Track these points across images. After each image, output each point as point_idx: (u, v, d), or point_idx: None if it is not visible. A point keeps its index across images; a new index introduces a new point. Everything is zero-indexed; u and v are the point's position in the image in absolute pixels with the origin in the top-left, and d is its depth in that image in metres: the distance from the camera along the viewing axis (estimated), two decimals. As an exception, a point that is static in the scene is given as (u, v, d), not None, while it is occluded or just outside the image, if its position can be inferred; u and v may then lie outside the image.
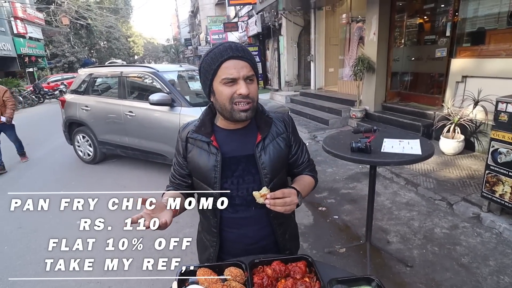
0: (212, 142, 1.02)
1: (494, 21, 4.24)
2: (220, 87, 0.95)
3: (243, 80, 0.93)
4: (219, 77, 0.94)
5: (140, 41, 50.68)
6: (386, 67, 5.80)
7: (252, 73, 0.96)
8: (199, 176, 1.06)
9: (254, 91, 0.97)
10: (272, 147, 1.05)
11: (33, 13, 18.83)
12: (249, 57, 0.97)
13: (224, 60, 0.93)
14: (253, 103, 0.97)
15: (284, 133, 1.10)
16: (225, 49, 0.94)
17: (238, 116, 0.96)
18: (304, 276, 0.83)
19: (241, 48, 0.96)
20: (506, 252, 2.35)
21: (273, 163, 1.04)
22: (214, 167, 1.02)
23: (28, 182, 4.48)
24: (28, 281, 2.35)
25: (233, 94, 0.94)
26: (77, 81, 5.08)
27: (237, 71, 0.93)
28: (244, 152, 1.04)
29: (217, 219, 1.07)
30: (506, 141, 2.40)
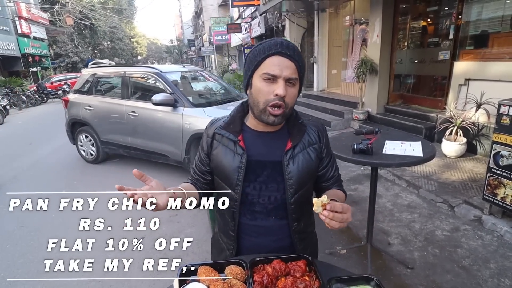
0: (239, 142, 0.97)
1: (498, 24, 4.24)
2: (258, 83, 0.90)
3: (283, 80, 0.87)
4: (260, 70, 0.89)
5: (144, 41, 50.90)
6: (389, 70, 5.80)
7: (295, 76, 0.89)
8: (221, 175, 1.01)
9: (292, 95, 0.90)
10: (302, 156, 0.98)
11: (37, 13, 18.98)
12: (298, 58, 0.90)
13: (271, 54, 0.88)
14: (286, 109, 0.90)
15: (316, 144, 1.03)
16: (275, 43, 0.89)
17: (266, 119, 0.91)
18: (304, 275, 0.84)
19: (292, 47, 0.90)
20: (507, 255, 2.34)
21: (301, 173, 0.97)
22: (238, 168, 0.96)
23: (31, 181, 4.51)
24: (30, 279, 2.37)
25: (270, 94, 0.88)
26: (81, 81, 5.12)
27: (280, 69, 0.87)
28: (271, 157, 0.98)
29: (235, 223, 1.02)
30: (508, 144, 2.39)
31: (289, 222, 1.01)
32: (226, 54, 23.65)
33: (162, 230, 3.21)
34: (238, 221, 1.02)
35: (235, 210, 1.00)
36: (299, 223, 1.03)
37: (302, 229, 1.05)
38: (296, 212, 1.00)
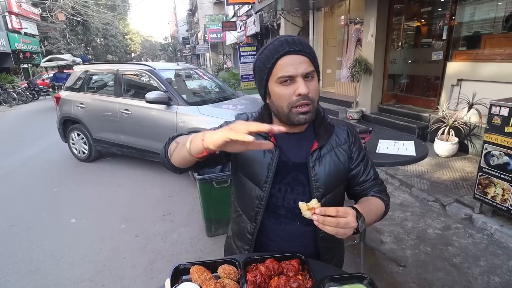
0: (270, 138, 0.92)
1: (490, 26, 4.29)
2: (276, 88, 0.85)
3: (301, 78, 0.82)
4: (274, 75, 0.84)
5: (138, 38, 50.40)
6: (383, 69, 5.84)
7: (312, 68, 0.84)
8: (248, 172, 0.95)
9: (314, 89, 0.85)
10: (329, 158, 0.93)
11: (28, 9, 18.64)
12: (308, 50, 0.85)
13: (280, 56, 0.83)
14: (314, 103, 0.86)
15: (345, 144, 0.97)
16: (280, 44, 0.84)
17: (297, 120, 0.85)
18: (297, 274, 0.83)
19: (298, 41, 0.85)
20: (496, 253, 2.38)
21: (328, 176, 0.92)
22: (269, 165, 0.91)
23: (22, 179, 4.44)
24: (20, 279, 2.34)
25: (292, 96, 0.83)
26: (73, 78, 5.05)
27: (294, 67, 0.82)
28: (296, 158, 0.93)
29: (255, 225, 0.96)
30: (498, 144, 2.43)
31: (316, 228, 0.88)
32: (221, 52, 23.57)
33: (156, 229, 3.22)
34: (261, 224, 0.96)
35: (259, 210, 0.94)
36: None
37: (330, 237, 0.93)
38: None
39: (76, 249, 2.69)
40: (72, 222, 3.17)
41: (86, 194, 3.82)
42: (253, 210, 0.95)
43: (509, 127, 2.35)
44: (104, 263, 2.49)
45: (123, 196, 3.74)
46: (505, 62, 3.89)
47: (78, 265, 2.47)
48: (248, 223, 0.98)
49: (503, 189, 2.43)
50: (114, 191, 3.90)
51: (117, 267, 2.44)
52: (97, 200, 3.65)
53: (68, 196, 3.80)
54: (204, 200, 2.68)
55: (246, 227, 0.99)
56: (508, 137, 2.36)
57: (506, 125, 2.37)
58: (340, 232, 0.73)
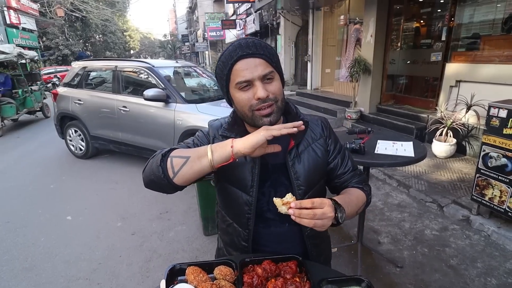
0: None
1: (489, 28, 4.29)
2: (236, 94, 0.84)
3: (259, 81, 0.81)
4: (233, 81, 0.83)
5: (137, 35, 50.20)
6: (382, 70, 5.84)
7: (269, 69, 0.82)
8: (232, 179, 0.93)
9: (275, 89, 0.83)
10: (307, 154, 0.93)
11: (27, 4, 18.48)
12: (263, 52, 0.82)
13: (234, 62, 0.81)
14: (277, 103, 0.84)
15: (321, 138, 0.97)
16: (234, 49, 0.82)
17: (261, 123, 0.84)
18: (295, 276, 0.82)
19: (252, 43, 0.82)
20: (493, 254, 2.38)
21: (308, 173, 0.91)
22: (252, 168, 0.90)
23: (18, 175, 4.41)
24: (14, 276, 2.32)
25: (251, 99, 0.82)
26: (71, 74, 5.01)
27: (250, 71, 0.80)
28: (275, 160, 0.92)
29: (249, 231, 0.94)
30: (497, 145, 2.43)
31: (301, 227, 0.94)
32: (220, 51, 23.50)
33: (152, 227, 3.20)
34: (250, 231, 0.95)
35: (249, 216, 0.93)
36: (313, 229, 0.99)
37: (315, 234, 0.97)
38: None
39: (71, 246, 2.67)
40: (68, 219, 3.15)
41: (82, 191, 3.80)
42: (244, 217, 0.94)
43: (507, 128, 2.35)
44: (99, 261, 2.47)
45: (120, 194, 3.72)
46: (504, 64, 3.89)
47: (74, 263, 2.45)
48: (241, 231, 0.97)
49: (501, 190, 2.43)
50: (111, 188, 3.88)
51: (113, 265, 2.43)
52: (93, 198, 3.63)
53: (64, 193, 3.78)
54: (201, 199, 2.66)
55: (239, 235, 0.97)
56: (506, 139, 2.36)
57: (504, 127, 2.36)
58: (317, 223, 0.72)
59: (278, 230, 0.95)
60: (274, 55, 0.86)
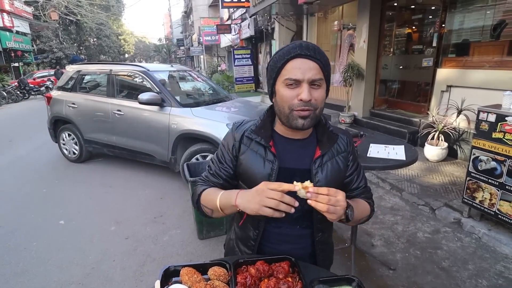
0: (271, 148, 0.93)
1: (479, 34, 4.39)
2: (281, 89, 0.86)
3: (307, 84, 0.83)
4: (282, 76, 0.86)
5: (131, 39, 50.10)
6: (375, 74, 5.92)
7: (320, 76, 0.84)
8: (249, 182, 0.96)
9: (319, 97, 0.86)
10: (331, 165, 0.96)
11: (20, 7, 18.38)
12: (320, 58, 0.85)
13: (290, 58, 0.84)
14: (315, 110, 0.86)
15: (345, 152, 1.00)
16: (294, 46, 0.85)
17: (295, 123, 0.87)
18: (287, 276, 0.84)
19: (312, 47, 0.85)
20: (484, 256, 2.42)
21: (329, 183, 0.93)
22: (269, 175, 0.92)
23: (10, 179, 4.35)
24: (6, 281, 2.28)
25: (294, 99, 0.84)
26: (65, 78, 4.99)
27: (302, 72, 0.82)
28: (299, 165, 0.95)
29: (258, 232, 0.98)
30: (486, 149, 2.48)
31: (314, 232, 0.99)
32: (216, 55, 23.56)
33: (146, 232, 3.18)
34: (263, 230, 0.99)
35: (261, 219, 0.96)
36: (323, 234, 1.01)
37: (325, 239, 1.03)
38: (322, 223, 0.98)
39: (64, 251, 2.65)
40: (61, 224, 3.12)
41: (75, 195, 3.77)
42: (256, 219, 0.98)
43: (496, 132, 2.41)
44: (93, 265, 2.45)
45: (113, 198, 3.69)
46: (493, 70, 3.98)
47: (66, 268, 2.43)
48: (252, 230, 1.00)
49: (491, 193, 2.48)
50: (105, 192, 3.86)
51: (106, 269, 2.41)
52: (87, 202, 3.60)
53: (57, 197, 3.74)
54: (196, 202, 2.66)
55: (250, 234, 1.01)
56: (495, 143, 2.41)
57: (493, 131, 2.42)
58: (331, 209, 0.77)
59: (288, 231, 0.99)
60: (328, 65, 0.89)
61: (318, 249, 1.01)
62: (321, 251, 1.03)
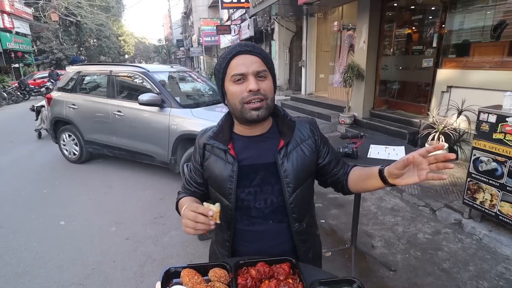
0: (229, 151, 0.96)
1: (479, 34, 4.39)
2: (230, 86, 0.90)
3: (253, 76, 0.87)
4: (228, 74, 0.90)
5: (131, 40, 50.11)
6: (375, 75, 5.92)
7: (264, 68, 0.89)
8: (214, 185, 1.01)
9: (267, 87, 0.89)
10: (296, 153, 0.97)
11: (21, 8, 18.40)
12: (259, 52, 0.90)
13: (233, 56, 0.89)
14: (267, 100, 0.89)
15: (309, 139, 1.01)
16: (234, 46, 0.91)
17: (249, 116, 0.89)
18: (288, 278, 0.84)
19: (251, 44, 0.91)
20: (485, 257, 2.42)
21: (297, 171, 0.96)
22: (230, 177, 0.95)
23: (10, 180, 4.35)
24: (6, 282, 2.28)
25: (243, 92, 0.87)
26: (65, 79, 4.99)
27: (245, 66, 0.87)
28: (264, 160, 0.96)
29: (230, 232, 1.01)
30: (487, 150, 2.48)
31: (290, 224, 0.99)
32: (215, 55, 23.58)
33: (146, 232, 3.18)
34: (234, 229, 1.01)
35: (230, 219, 0.99)
36: (301, 224, 1.01)
37: (304, 229, 1.02)
38: (297, 212, 0.99)
39: (65, 251, 2.65)
40: (61, 224, 3.11)
41: (76, 196, 3.77)
42: (226, 220, 0.99)
43: (497, 133, 2.40)
44: (93, 266, 2.45)
45: (113, 199, 3.69)
46: (493, 70, 3.98)
47: (67, 268, 2.43)
48: (225, 231, 1.03)
49: (491, 194, 2.48)
50: (105, 193, 3.86)
51: (106, 270, 2.41)
52: (87, 202, 3.60)
53: (57, 197, 3.74)
54: (196, 203, 2.66)
55: (224, 235, 1.04)
56: (496, 144, 2.41)
57: (494, 132, 2.42)
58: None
59: (262, 228, 1.00)
60: (269, 59, 0.94)
61: (297, 240, 1.01)
62: (301, 243, 1.02)
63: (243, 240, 1.02)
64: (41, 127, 6.53)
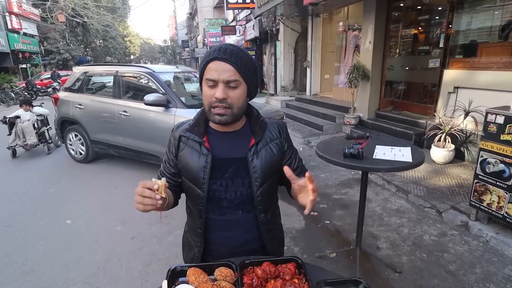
0: (204, 143, 1.02)
1: (486, 35, 4.35)
2: (204, 87, 0.96)
3: (222, 84, 0.91)
4: (204, 76, 0.95)
5: (137, 41, 50.50)
6: (380, 76, 5.89)
7: (235, 78, 0.92)
8: (188, 175, 1.06)
9: (234, 96, 0.94)
10: (265, 151, 1.04)
11: (28, 9, 18.65)
12: (235, 61, 0.91)
13: (209, 61, 0.93)
14: (232, 109, 0.94)
15: (277, 139, 1.09)
16: (214, 50, 0.94)
17: (213, 118, 0.96)
18: (293, 278, 0.84)
19: (230, 51, 0.92)
20: (492, 260, 2.39)
21: (265, 167, 1.03)
22: (204, 167, 1.01)
23: (17, 180, 4.41)
24: (14, 279, 2.31)
25: (212, 97, 0.93)
26: (72, 79, 5.05)
27: (218, 73, 0.91)
28: (236, 154, 1.03)
29: (202, 220, 1.06)
30: (494, 151, 2.45)
31: (256, 214, 1.06)
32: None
33: (151, 232, 3.20)
34: (206, 218, 1.06)
35: (202, 208, 1.05)
36: (266, 215, 1.09)
37: (269, 220, 1.11)
38: (263, 204, 1.06)
39: (71, 250, 2.67)
40: (68, 223, 3.15)
41: (82, 195, 3.80)
42: (198, 208, 1.06)
43: (504, 134, 2.38)
44: (99, 265, 2.47)
45: (119, 198, 3.72)
46: (501, 71, 3.94)
47: (73, 267, 2.45)
48: (197, 219, 1.08)
49: (499, 196, 2.45)
50: (110, 192, 3.89)
51: (112, 269, 2.43)
52: (93, 202, 3.63)
53: (64, 197, 3.78)
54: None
55: (196, 222, 1.09)
56: (503, 145, 2.38)
57: (501, 133, 2.39)
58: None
59: (232, 217, 1.06)
60: (247, 67, 0.94)
61: (263, 229, 1.08)
62: (266, 231, 1.10)
63: (213, 228, 1.08)
64: (16, 143, 5.25)
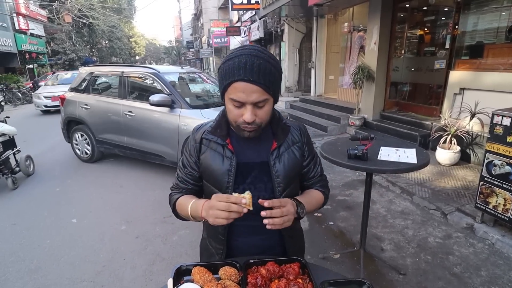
0: (228, 145, 0.98)
1: (493, 36, 4.31)
2: (228, 104, 0.89)
3: (251, 105, 0.85)
4: (228, 94, 0.87)
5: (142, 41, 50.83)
6: (385, 77, 5.86)
7: (264, 97, 0.86)
8: (211, 179, 1.02)
9: (263, 115, 0.89)
10: (287, 155, 1.01)
11: (35, 10, 18.86)
12: (263, 81, 0.83)
13: (234, 80, 0.84)
14: (260, 126, 0.91)
15: (299, 142, 1.06)
16: (238, 67, 0.83)
17: (241, 133, 0.93)
18: (297, 277, 0.84)
19: (257, 68, 0.82)
20: (497, 263, 2.37)
21: (287, 172, 1.00)
22: (228, 171, 0.97)
23: (24, 179, 4.46)
24: (20, 277, 2.34)
25: (239, 117, 0.88)
26: (78, 79, 5.10)
27: (246, 95, 0.84)
28: (258, 158, 1.00)
29: (225, 226, 1.02)
30: (500, 153, 2.43)
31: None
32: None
33: (156, 231, 3.22)
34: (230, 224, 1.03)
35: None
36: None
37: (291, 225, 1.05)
38: None
39: (76, 249, 2.70)
40: (73, 222, 3.18)
41: (87, 195, 3.84)
42: None
43: (511, 136, 2.35)
44: (104, 263, 2.50)
45: (124, 198, 3.75)
46: (508, 72, 3.90)
47: (78, 265, 2.48)
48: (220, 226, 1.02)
49: (505, 198, 2.43)
50: (116, 192, 3.92)
51: (117, 268, 2.45)
52: (98, 201, 3.66)
53: (69, 196, 3.82)
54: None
55: (217, 228, 1.05)
56: (510, 147, 2.36)
57: (508, 135, 2.37)
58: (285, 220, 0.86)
59: (254, 223, 1.00)
60: (274, 82, 0.88)
61: (285, 235, 1.07)
62: (288, 238, 1.08)
63: (236, 234, 1.06)
64: None
